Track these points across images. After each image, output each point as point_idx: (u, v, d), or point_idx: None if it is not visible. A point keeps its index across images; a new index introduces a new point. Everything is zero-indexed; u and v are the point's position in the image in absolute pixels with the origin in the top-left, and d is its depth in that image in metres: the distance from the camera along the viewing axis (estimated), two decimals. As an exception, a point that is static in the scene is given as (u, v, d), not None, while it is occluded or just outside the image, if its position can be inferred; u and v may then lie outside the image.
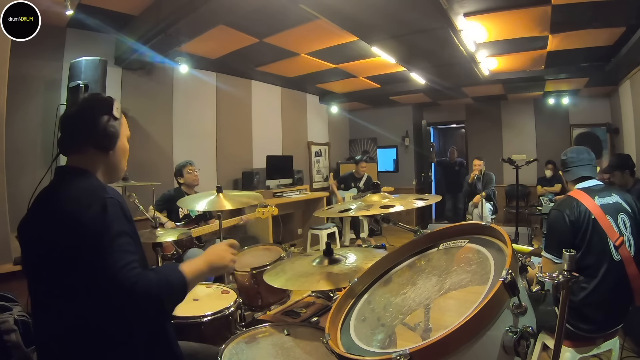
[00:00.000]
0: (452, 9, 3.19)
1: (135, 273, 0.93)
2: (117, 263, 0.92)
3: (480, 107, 7.46)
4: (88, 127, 1.11)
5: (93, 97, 1.20)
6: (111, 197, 1.02)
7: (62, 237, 0.97)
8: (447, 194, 7.13)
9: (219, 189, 2.17)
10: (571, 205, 1.71)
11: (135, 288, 0.91)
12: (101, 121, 1.11)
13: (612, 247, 1.63)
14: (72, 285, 0.97)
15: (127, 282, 0.91)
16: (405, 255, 1.28)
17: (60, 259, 0.97)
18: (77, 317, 0.98)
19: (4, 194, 2.28)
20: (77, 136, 1.12)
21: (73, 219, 0.97)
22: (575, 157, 1.91)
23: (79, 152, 1.12)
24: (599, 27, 3.65)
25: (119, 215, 1.00)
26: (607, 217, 1.66)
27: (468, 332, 0.75)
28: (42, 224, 1.03)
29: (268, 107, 6.00)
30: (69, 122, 1.13)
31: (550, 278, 0.90)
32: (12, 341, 1.70)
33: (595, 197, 1.72)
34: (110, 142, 1.13)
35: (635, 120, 4.85)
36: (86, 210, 0.97)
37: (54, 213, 1.01)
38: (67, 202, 1.01)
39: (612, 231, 1.64)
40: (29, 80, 3.24)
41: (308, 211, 5.94)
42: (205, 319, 1.69)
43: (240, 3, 2.84)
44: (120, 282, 0.91)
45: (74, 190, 1.04)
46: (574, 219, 1.67)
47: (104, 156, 1.14)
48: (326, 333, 0.99)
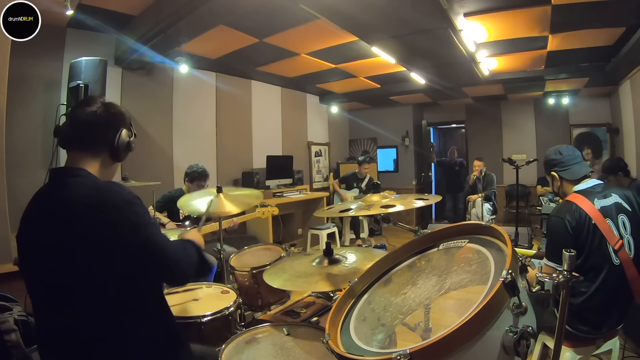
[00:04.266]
0: (452, 9, 3.19)
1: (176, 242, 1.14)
2: (163, 241, 1.06)
3: (480, 107, 7.46)
4: (114, 134, 1.14)
5: (117, 107, 1.21)
6: (133, 193, 1.07)
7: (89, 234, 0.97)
8: (447, 194, 7.13)
9: (219, 189, 2.16)
10: (571, 210, 1.66)
11: (178, 258, 1.09)
12: (126, 134, 1.17)
13: (612, 251, 1.61)
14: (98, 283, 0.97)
15: (170, 251, 1.06)
16: (405, 255, 1.28)
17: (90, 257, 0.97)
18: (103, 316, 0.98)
19: (4, 194, 2.28)
20: (100, 138, 1.13)
21: (102, 213, 0.98)
22: (572, 154, 1.82)
23: (91, 152, 1.12)
24: (599, 27, 3.65)
25: (145, 208, 1.09)
26: (606, 221, 1.63)
27: (468, 332, 0.75)
28: (58, 227, 1.00)
29: (268, 107, 6.00)
30: (95, 121, 1.12)
31: (550, 278, 0.90)
32: (12, 341, 1.70)
33: (594, 200, 1.68)
34: (125, 155, 1.20)
35: (635, 120, 4.85)
36: (115, 201, 1.01)
37: (73, 211, 0.99)
38: (86, 200, 1.00)
39: (611, 235, 1.62)
40: (29, 80, 3.24)
41: (308, 211, 5.94)
42: (205, 319, 1.68)
43: (240, 3, 2.84)
44: (164, 249, 1.05)
45: (93, 188, 1.04)
46: (575, 225, 1.63)
47: (112, 165, 1.18)
48: (326, 333, 0.99)
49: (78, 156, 1.11)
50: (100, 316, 0.98)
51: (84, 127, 1.12)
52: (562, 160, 1.82)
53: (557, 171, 1.83)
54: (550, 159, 1.86)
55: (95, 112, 1.13)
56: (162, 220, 3.09)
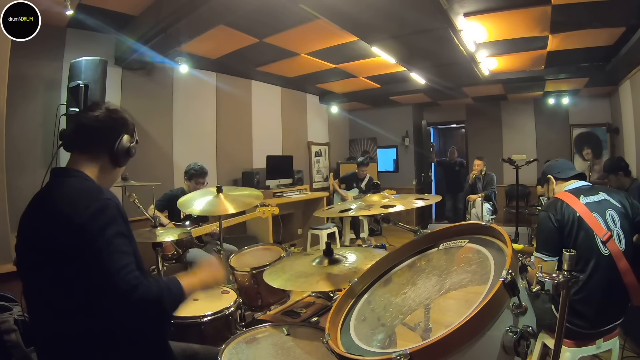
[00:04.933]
0: (452, 9, 3.19)
1: (133, 276, 0.94)
2: (114, 265, 0.93)
3: (480, 107, 7.46)
4: (114, 139, 1.14)
5: (121, 112, 1.21)
6: (108, 198, 1.03)
7: (59, 238, 0.97)
8: (447, 194, 7.13)
9: (218, 189, 2.17)
10: (556, 206, 1.79)
11: (135, 291, 0.92)
12: (127, 139, 1.17)
13: (599, 242, 1.68)
14: (69, 285, 0.97)
15: (126, 284, 0.92)
16: (405, 255, 1.28)
17: (58, 260, 0.97)
18: (75, 318, 0.98)
19: (4, 194, 2.28)
20: (100, 142, 1.14)
21: (70, 219, 0.97)
22: (566, 163, 2.07)
23: (91, 156, 1.13)
24: (599, 27, 3.64)
25: (115, 217, 1.01)
26: (592, 214, 1.72)
27: (468, 332, 0.75)
28: (39, 225, 1.03)
29: (268, 107, 6.00)
30: (96, 125, 1.13)
31: (550, 278, 0.90)
32: (12, 341, 1.70)
33: (580, 196, 1.79)
34: (125, 161, 1.19)
35: (635, 120, 4.85)
36: (83, 211, 0.97)
37: (51, 214, 1.01)
38: (63, 203, 1.01)
39: (598, 227, 1.69)
40: (29, 80, 3.23)
41: (308, 211, 5.94)
42: (205, 319, 1.69)
43: (240, 3, 2.84)
44: (117, 284, 0.92)
45: (71, 191, 1.04)
46: (559, 218, 1.75)
47: (112, 169, 1.18)
48: (326, 333, 0.99)
49: (77, 158, 1.13)
50: (74, 318, 0.98)
51: (85, 130, 1.14)
52: (557, 166, 2.05)
53: (553, 174, 2.03)
54: (547, 168, 2.09)
55: (98, 117, 1.14)
56: (162, 221, 3.08)
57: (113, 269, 0.93)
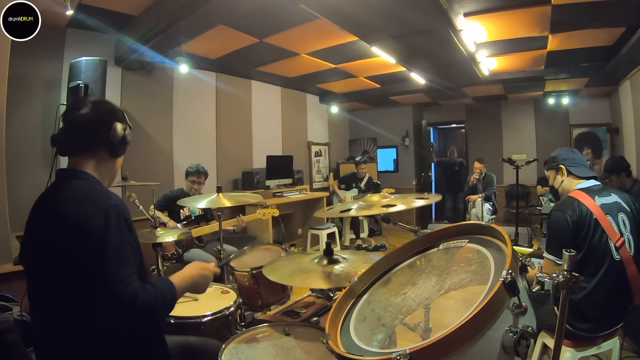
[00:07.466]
0: (452, 9, 3.19)
1: (134, 287, 0.95)
2: (117, 274, 0.94)
3: (480, 107, 7.46)
4: (107, 131, 1.12)
5: (107, 103, 1.21)
6: (115, 204, 1.03)
7: (65, 241, 0.97)
8: (447, 194, 7.13)
9: (219, 189, 2.17)
10: (572, 205, 1.70)
11: (134, 302, 0.93)
12: (120, 128, 1.14)
13: (613, 247, 1.63)
14: (72, 287, 0.98)
15: (127, 295, 0.93)
16: (405, 255, 1.28)
17: (62, 262, 0.97)
18: (76, 318, 0.98)
19: (4, 194, 2.27)
20: (94, 138, 1.13)
21: (77, 224, 0.97)
22: (582, 158, 1.93)
23: (90, 153, 1.12)
24: (599, 27, 3.65)
25: (122, 225, 1.01)
26: (607, 217, 1.66)
27: (468, 332, 0.75)
28: (45, 227, 1.03)
29: (268, 107, 6.00)
30: (85, 122, 1.12)
31: (550, 278, 0.90)
32: (12, 341, 1.70)
33: (595, 197, 1.72)
34: (123, 149, 1.18)
35: (635, 120, 4.85)
36: (90, 218, 0.97)
37: (58, 217, 1.01)
38: (71, 207, 1.01)
39: (612, 231, 1.64)
40: (29, 80, 3.23)
41: (308, 211, 5.94)
42: (205, 319, 1.68)
43: (240, 3, 2.84)
44: (119, 295, 0.92)
45: (78, 194, 1.04)
46: (576, 219, 1.66)
47: (112, 161, 1.18)
48: (326, 333, 0.99)
49: (77, 159, 1.13)
50: (74, 318, 0.98)
51: (76, 132, 1.12)
52: (574, 158, 1.90)
53: (566, 165, 1.88)
54: (561, 154, 1.94)
55: (84, 114, 1.12)
56: (162, 220, 3.09)
57: (115, 278, 0.93)
